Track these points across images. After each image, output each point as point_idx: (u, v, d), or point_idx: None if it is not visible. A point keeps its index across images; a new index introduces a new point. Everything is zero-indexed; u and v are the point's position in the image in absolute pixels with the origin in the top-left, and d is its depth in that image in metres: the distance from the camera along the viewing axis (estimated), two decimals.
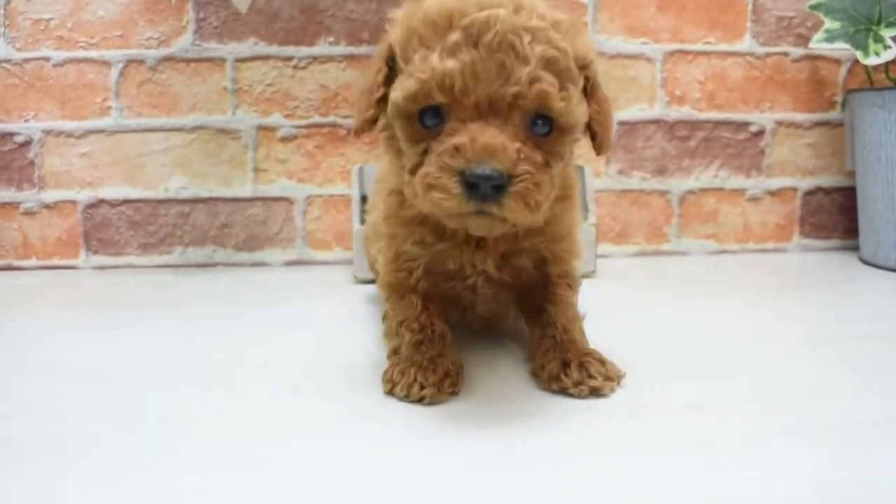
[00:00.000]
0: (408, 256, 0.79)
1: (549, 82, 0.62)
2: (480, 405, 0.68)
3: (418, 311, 0.77)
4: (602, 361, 0.72)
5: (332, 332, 0.96)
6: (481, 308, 0.83)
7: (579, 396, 0.69)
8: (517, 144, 0.61)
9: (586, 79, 0.67)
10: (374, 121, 0.70)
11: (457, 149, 0.61)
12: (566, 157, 0.68)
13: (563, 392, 0.70)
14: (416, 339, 0.74)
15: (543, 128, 0.64)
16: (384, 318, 0.82)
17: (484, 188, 0.60)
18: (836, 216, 1.53)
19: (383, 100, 0.68)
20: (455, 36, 0.62)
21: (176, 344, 0.91)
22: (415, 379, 0.68)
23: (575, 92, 0.64)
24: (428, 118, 0.64)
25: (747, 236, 1.50)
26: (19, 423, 0.65)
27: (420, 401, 0.68)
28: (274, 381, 0.76)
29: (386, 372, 0.72)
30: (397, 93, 0.65)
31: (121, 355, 0.86)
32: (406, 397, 0.68)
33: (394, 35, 0.68)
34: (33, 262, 1.42)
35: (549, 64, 0.62)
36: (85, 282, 1.32)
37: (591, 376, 0.69)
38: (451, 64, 0.61)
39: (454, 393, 0.70)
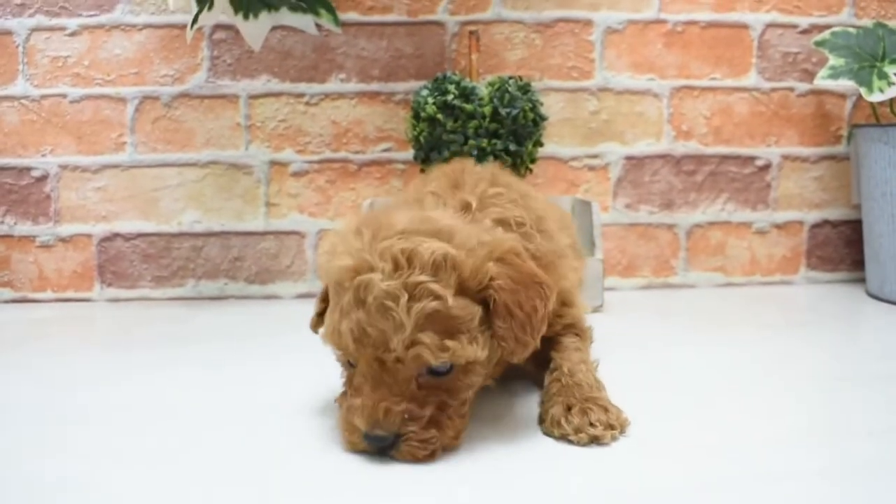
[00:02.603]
0: None
1: (427, 343, 0.64)
2: (482, 451, 0.68)
3: None
4: (605, 408, 0.72)
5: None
6: None
7: (579, 444, 0.69)
8: (402, 406, 0.65)
9: (489, 296, 0.68)
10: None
11: (354, 409, 0.66)
12: (475, 380, 0.70)
13: (564, 438, 0.70)
14: None
15: (442, 369, 0.67)
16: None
17: (376, 445, 0.66)
18: (842, 249, 1.53)
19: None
20: (348, 296, 0.66)
21: (190, 380, 0.93)
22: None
23: (464, 337, 0.66)
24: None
25: (754, 269, 1.51)
26: (36, 463, 0.67)
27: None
28: (286, 417, 0.77)
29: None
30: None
31: (136, 392, 0.88)
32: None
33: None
34: (48, 294, 1.44)
35: (429, 320, 0.65)
36: (99, 314, 1.34)
37: (591, 424, 0.70)
38: (344, 326, 0.66)
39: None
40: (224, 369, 0.98)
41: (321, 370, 0.95)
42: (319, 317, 0.77)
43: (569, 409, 0.72)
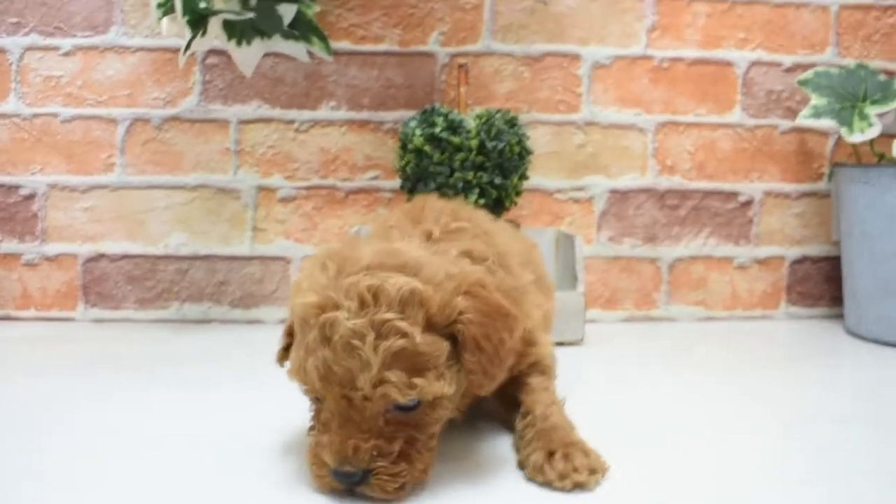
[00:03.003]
0: None
1: (394, 381, 0.64)
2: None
3: None
4: (586, 452, 0.72)
5: None
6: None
7: (563, 490, 0.69)
8: (371, 443, 0.65)
9: (457, 331, 0.68)
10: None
11: (322, 445, 0.66)
12: (443, 414, 0.70)
13: (548, 485, 0.70)
14: None
15: (409, 404, 0.66)
16: None
17: (345, 481, 0.65)
18: (822, 285, 1.55)
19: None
20: (314, 334, 0.66)
21: (169, 405, 0.93)
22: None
23: (431, 374, 0.66)
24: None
25: (735, 303, 1.53)
26: (10, 484, 0.67)
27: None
28: (265, 445, 0.78)
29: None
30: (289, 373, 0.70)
31: (116, 416, 0.88)
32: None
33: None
34: (32, 312, 1.44)
35: (396, 358, 0.64)
36: (81, 335, 1.34)
37: (576, 469, 0.70)
38: (309, 364, 0.66)
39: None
40: (205, 394, 0.98)
41: (302, 396, 0.96)
42: (285, 351, 0.76)
43: (550, 454, 0.71)
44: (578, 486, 0.69)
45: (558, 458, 0.71)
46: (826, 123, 1.39)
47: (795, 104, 1.51)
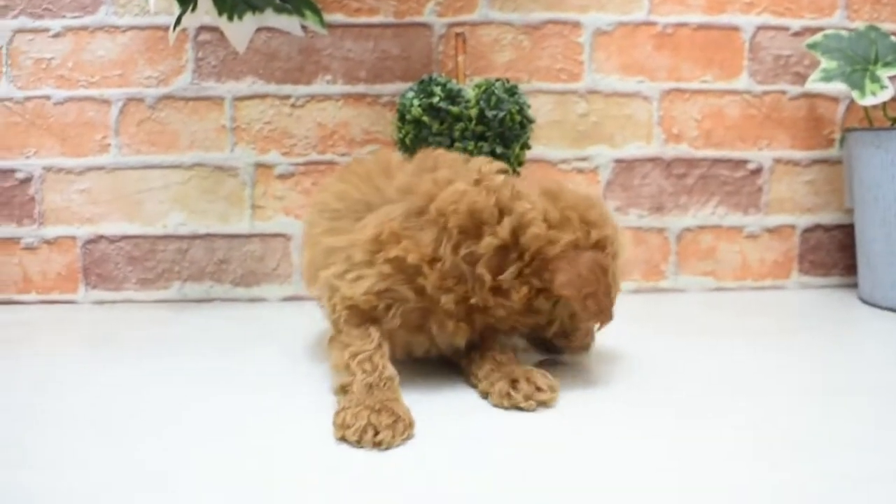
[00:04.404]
0: (393, 296, 0.81)
1: None
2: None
3: (374, 347, 0.80)
4: (544, 374, 0.81)
5: (324, 372, 0.96)
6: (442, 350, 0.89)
7: (529, 410, 0.77)
8: None
9: None
10: None
11: None
12: None
13: (515, 407, 0.78)
14: (368, 381, 0.75)
15: None
16: (331, 340, 0.84)
17: None
18: (835, 253, 1.52)
19: None
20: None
21: (174, 385, 0.92)
22: (369, 422, 0.69)
23: None
24: None
25: (745, 273, 1.50)
26: (18, 472, 0.65)
27: (376, 446, 0.68)
28: (272, 425, 0.77)
29: (337, 415, 0.72)
30: None
31: (119, 400, 0.86)
32: (359, 443, 0.68)
33: None
34: (33, 296, 1.43)
35: None
36: (84, 317, 1.33)
37: (539, 389, 0.78)
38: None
39: (409, 437, 0.70)
40: (209, 374, 0.97)
41: (303, 372, 0.94)
42: None
43: (515, 381, 0.79)
44: (542, 404, 0.78)
45: (522, 382, 0.78)
46: (836, 87, 1.35)
47: (804, 69, 1.47)
